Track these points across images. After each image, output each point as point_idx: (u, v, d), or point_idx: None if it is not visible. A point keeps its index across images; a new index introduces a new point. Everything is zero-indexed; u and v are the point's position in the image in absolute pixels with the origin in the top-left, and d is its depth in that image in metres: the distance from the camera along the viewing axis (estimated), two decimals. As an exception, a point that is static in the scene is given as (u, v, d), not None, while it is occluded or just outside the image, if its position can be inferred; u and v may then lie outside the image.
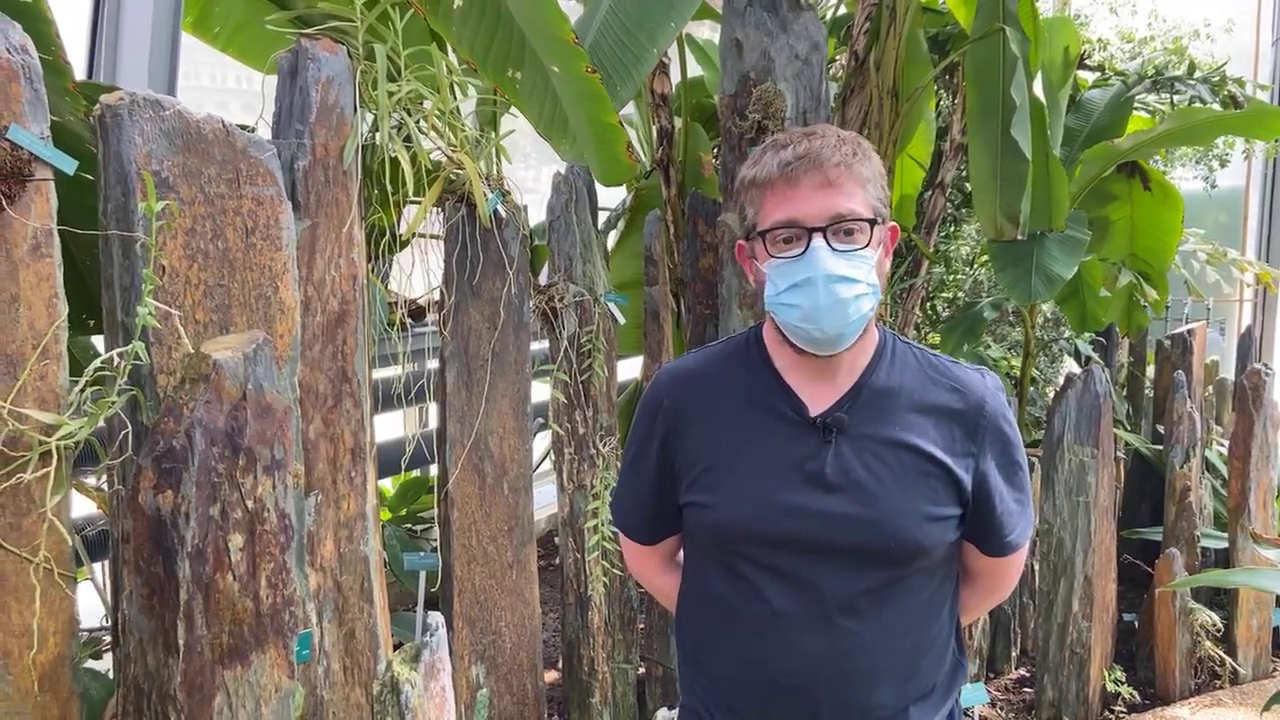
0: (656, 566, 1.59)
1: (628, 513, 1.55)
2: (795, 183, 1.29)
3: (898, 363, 1.40)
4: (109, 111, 1.51)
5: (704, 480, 1.39)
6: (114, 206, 1.53)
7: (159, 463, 1.37)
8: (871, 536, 1.32)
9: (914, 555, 1.34)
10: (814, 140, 1.31)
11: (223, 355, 1.41)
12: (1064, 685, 3.26)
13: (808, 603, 1.33)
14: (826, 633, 1.33)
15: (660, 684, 3.01)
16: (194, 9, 2.58)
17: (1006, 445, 1.40)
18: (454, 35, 2.01)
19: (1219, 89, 3.83)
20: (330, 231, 1.89)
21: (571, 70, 2.01)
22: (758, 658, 1.37)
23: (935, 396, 1.38)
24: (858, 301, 1.29)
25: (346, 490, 1.96)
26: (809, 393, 1.38)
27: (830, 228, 1.28)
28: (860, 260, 1.29)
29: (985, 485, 1.38)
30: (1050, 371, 4.80)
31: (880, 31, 3.10)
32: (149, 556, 1.40)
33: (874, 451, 1.34)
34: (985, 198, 3.22)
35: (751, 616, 1.37)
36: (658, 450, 1.45)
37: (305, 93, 1.85)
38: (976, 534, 1.41)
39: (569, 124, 2.15)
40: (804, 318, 1.29)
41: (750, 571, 1.36)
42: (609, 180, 2.38)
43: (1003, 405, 1.40)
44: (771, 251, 1.32)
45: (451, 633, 2.34)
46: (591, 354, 2.69)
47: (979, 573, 1.48)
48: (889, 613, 1.34)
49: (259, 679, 1.48)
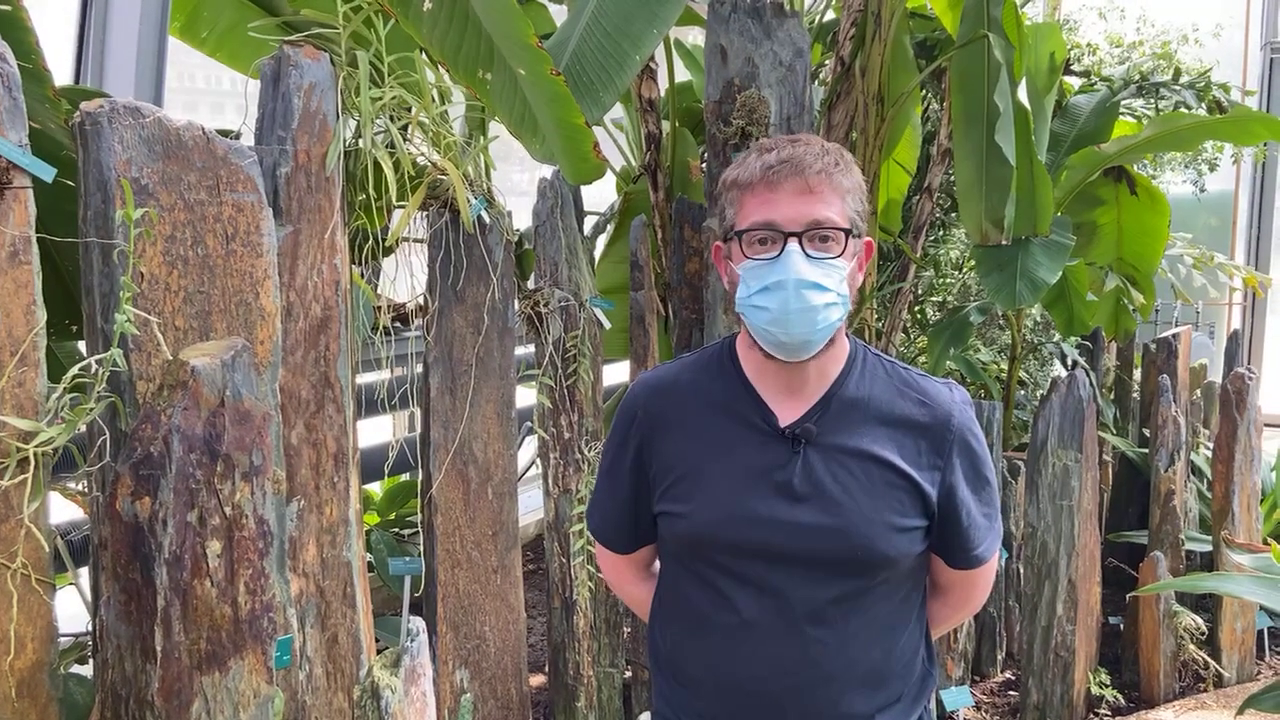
0: (632, 576, 1.60)
1: (604, 522, 1.56)
2: (776, 186, 1.30)
3: (867, 374, 1.41)
4: (89, 119, 1.52)
5: (676, 489, 1.40)
6: (94, 213, 1.53)
7: (136, 469, 1.38)
8: (839, 546, 1.33)
9: (880, 565, 1.35)
10: (798, 147, 1.32)
11: (201, 362, 1.41)
12: (1049, 688, 3.27)
13: (776, 611, 1.34)
14: (794, 641, 1.34)
15: (645, 688, 3.02)
16: (182, 13, 2.59)
17: (974, 460, 1.41)
18: (425, 37, 2.02)
19: (1204, 94, 3.85)
20: (313, 237, 1.90)
21: (536, 73, 2.02)
22: (728, 665, 1.38)
23: (903, 409, 1.39)
24: (827, 310, 1.30)
25: (329, 495, 1.97)
26: (779, 403, 1.39)
27: (806, 233, 1.29)
28: (832, 269, 1.31)
29: (952, 499, 1.39)
30: (1040, 375, 4.82)
31: (866, 37, 3.12)
32: (126, 563, 1.40)
33: (842, 462, 1.35)
34: (970, 203, 3.24)
35: (722, 624, 1.38)
36: (632, 459, 1.46)
37: (288, 99, 1.86)
38: (943, 547, 1.42)
39: (539, 124, 2.16)
40: (772, 321, 1.30)
41: (720, 580, 1.37)
42: (578, 179, 2.39)
43: (970, 420, 1.42)
44: (747, 252, 1.33)
45: (435, 638, 2.35)
46: (577, 359, 2.69)
47: (947, 586, 1.49)
48: (856, 622, 1.36)
49: (237, 685, 1.48)
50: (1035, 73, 3.60)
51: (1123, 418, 4.74)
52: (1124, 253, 4.23)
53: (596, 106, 2.24)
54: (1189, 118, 3.71)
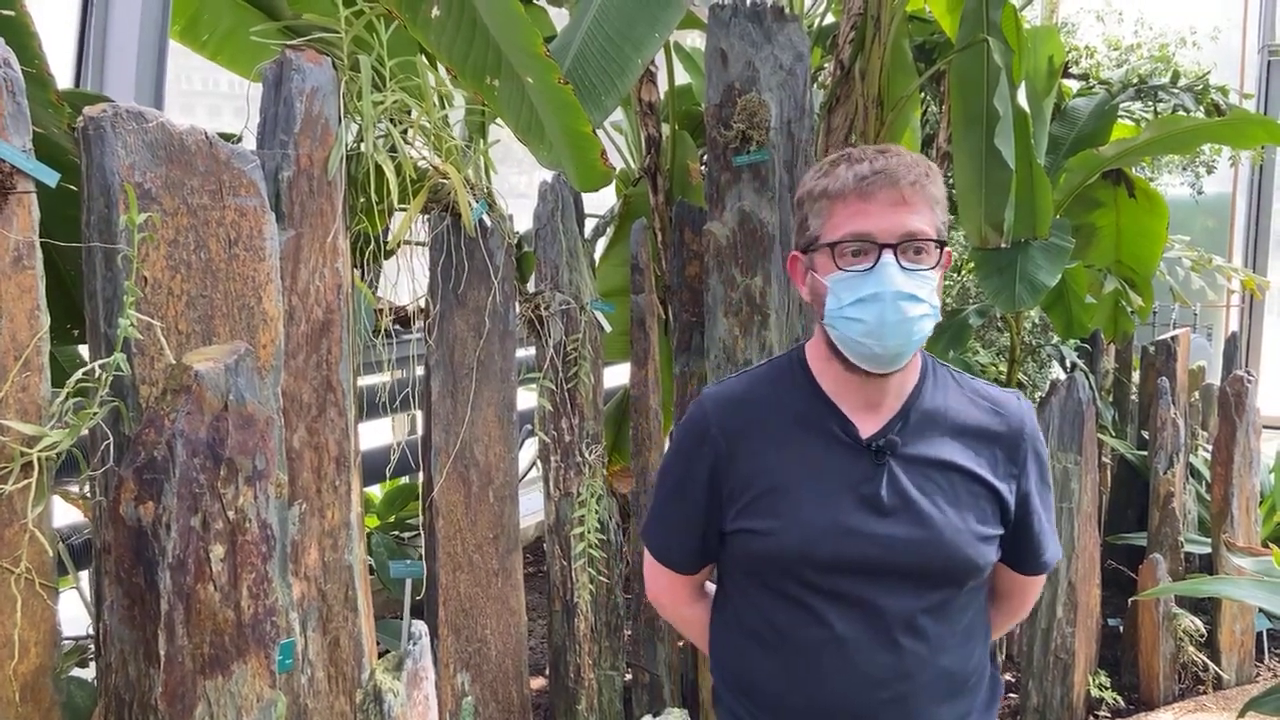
0: (689, 597, 1.57)
1: (668, 543, 1.52)
2: (870, 197, 1.29)
3: (940, 385, 1.42)
4: (92, 123, 1.52)
5: (757, 506, 1.38)
6: (96, 218, 1.53)
7: (140, 473, 1.38)
8: (930, 557, 1.33)
9: (969, 574, 1.36)
10: (890, 158, 1.31)
11: (204, 366, 1.41)
12: (1048, 691, 3.28)
13: (869, 625, 1.34)
14: (889, 653, 1.34)
15: (646, 691, 3.02)
16: (182, 17, 2.59)
17: (1042, 467, 1.44)
18: (433, 43, 2.03)
19: (1202, 97, 3.86)
20: (314, 241, 1.90)
21: (544, 82, 2.03)
22: (815, 681, 1.37)
23: (978, 419, 1.40)
24: (921, 321, 1.30)
25: (331, 499, 1.97)
26: (858, 416, 1.38)
27: (901, 245, 1.29)
28: (925, 280, 1.30)
29: (1027, 506, 1.41)
30: (1039, 378, 4.82)
31: (865, 41, 3.13)
32: (130, 567, 1.40)
33: (925, 474, 1.35)
34: (970, 206, 3.25)
35: (809, 641, 1.36)
36: (706, 477, 1.42)
37: (290, 103, 1.86)
38: (1016, 554, 1.44)
39: (546, 131, 2.17)
40: (868, 333, 1.29)
41: (806, 596, 1.36)
42: (585, 186, 2.41)
43: (1037, 427, 1.44)
44: (839, 264, 1.31)
45: (436, 640, 2.35)
46: (578, 362, 2.70)
47: (1008, 593, 1.51)
48: (945, 631, 1.36)
49: (240, 689, 1.48)
50: (1034, 76, 3.60)
51: (1121, 420, 4.75)
52: (1122, 255, 4.23)
53: (598, 110, 2.25)
54: (1187, 121, 3.71)
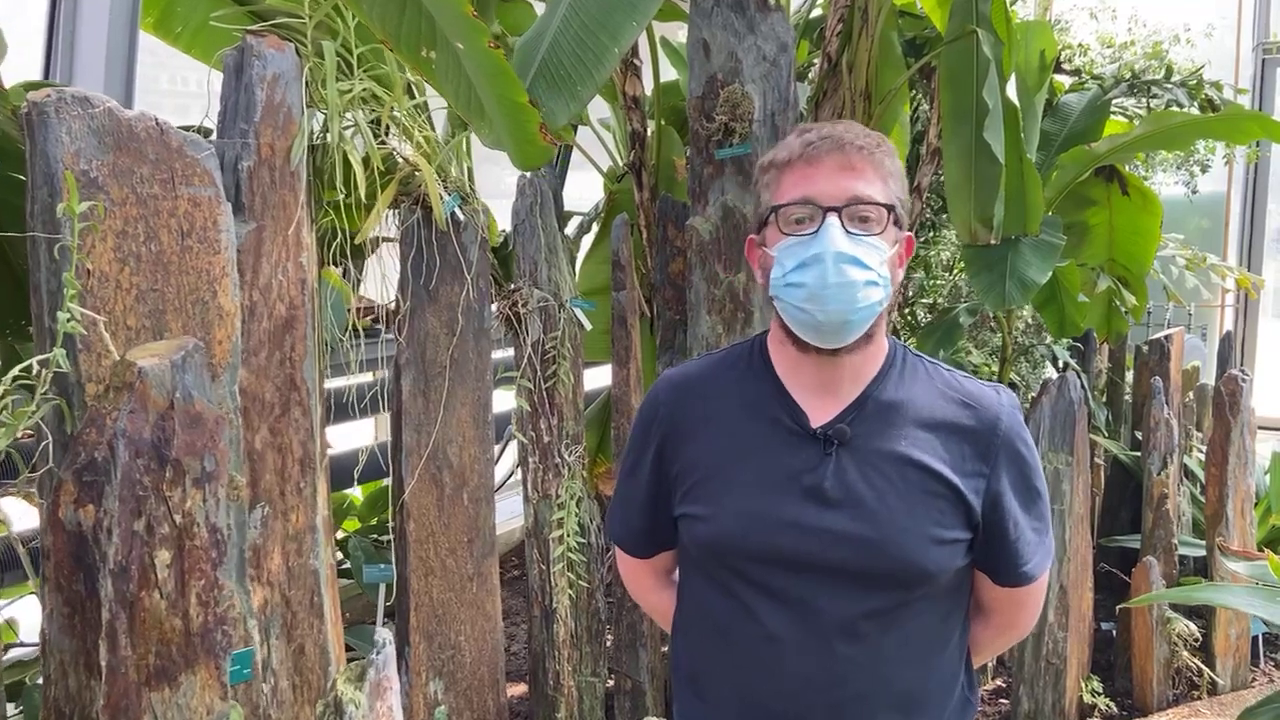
0: (651, 582, 1.52)
1: (623, 525, 1.47)
2: (816, 161, 1.24)
3: (907, 375, 1.33)
4: (35, 109, 1.46)
5: (698, 491, 1.32)
6: (40, 208, 1.47)
7: (80, 475, 1.32)
8: (874, 557, 1.24)
9: (918, 580, 1.25)
10: (839, 126, 1.28)
11: (148, 362, 1.35)
12: (1040, 696, 3.21)
13: (803, 625, 1.25)
14: (824, 657, 1.25)
15: (629, 697, 2.95)
16: (154, 9, 2.52)
17: (1023, 468, 1.32)
18: (364, 12, 1.89)
19: (1196, 93, 3.80)
20: (277, 234, 1.83)
21: (474, 46, 1.89)
22: (750, 682, 1.29)
23: (945, 412, 1.30)
24: (867, 289, 1.22)
25: (295, 502, 1.90)
26: (811, 404, 1.30)
27: (846, 208, 1.23)
28: (873, 248, 1.23)
29: (998, 509, 1.29)
30: (1031, 377, 4.76)
31: (853, 33, 3.07)
32: (69, 574, 1.34)
33: (877, 466, 1.26)
34: (959, 202, 3.18)
35: (746, 637, 1.29)
36: (653, 459, 1.38)
37: (250, 91, 1.80)
38: (989, 562, 1.33)
39: (485, 107, 2.03)
40: (809, 297, 1.22)
41: (743, 590, 1.29)
42: (525, 164, 2.21)
43: (1019, 425, 1.32)
44: (783, 229, 1.26)
45: (408, 648, 2.28)
46: (556, 361, 2.63)
47: (993, 606, 1.39)
48: (891, 640, 1.26)
49: (189, 701, 1.41)
50: (1025, 70, 3.54)
51: (1114, 420, 4.69)
52: (1116, 254, 4.17)
53: (574, 101, 2.17)
54: (1181, 116, 3.65)
